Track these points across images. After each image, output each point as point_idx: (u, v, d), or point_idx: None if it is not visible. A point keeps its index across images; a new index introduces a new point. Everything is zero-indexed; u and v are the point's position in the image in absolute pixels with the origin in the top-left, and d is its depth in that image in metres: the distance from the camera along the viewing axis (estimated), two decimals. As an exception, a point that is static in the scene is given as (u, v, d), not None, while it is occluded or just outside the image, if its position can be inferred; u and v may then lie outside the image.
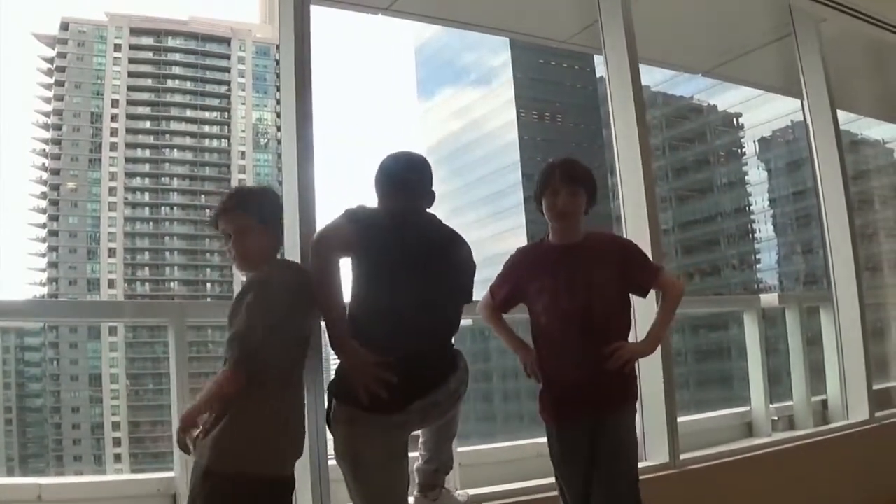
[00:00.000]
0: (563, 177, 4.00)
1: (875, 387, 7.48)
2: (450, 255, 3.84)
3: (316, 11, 4.80)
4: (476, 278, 3.97)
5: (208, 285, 71.53)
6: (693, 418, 7.05)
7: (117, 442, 55.03)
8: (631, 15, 5.80)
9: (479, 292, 4.20)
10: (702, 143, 67.59)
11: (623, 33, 5.69)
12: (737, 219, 64.25)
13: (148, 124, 75.74)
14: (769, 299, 7.57)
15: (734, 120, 67.34)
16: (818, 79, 7.42)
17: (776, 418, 7.17)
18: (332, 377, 3.64)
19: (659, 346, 4.30)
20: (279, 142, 70.57)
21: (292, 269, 3.75)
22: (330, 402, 3.65)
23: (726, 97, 62.76)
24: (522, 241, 4.15)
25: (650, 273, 4.16)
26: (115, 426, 55.25)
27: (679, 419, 5.70)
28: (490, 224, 70.01)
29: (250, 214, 3.49)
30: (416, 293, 3.61)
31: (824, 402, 7.54)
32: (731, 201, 64.90)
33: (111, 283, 68.31)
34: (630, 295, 4.17)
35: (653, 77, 57.50)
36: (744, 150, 66.71)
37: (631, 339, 4.22)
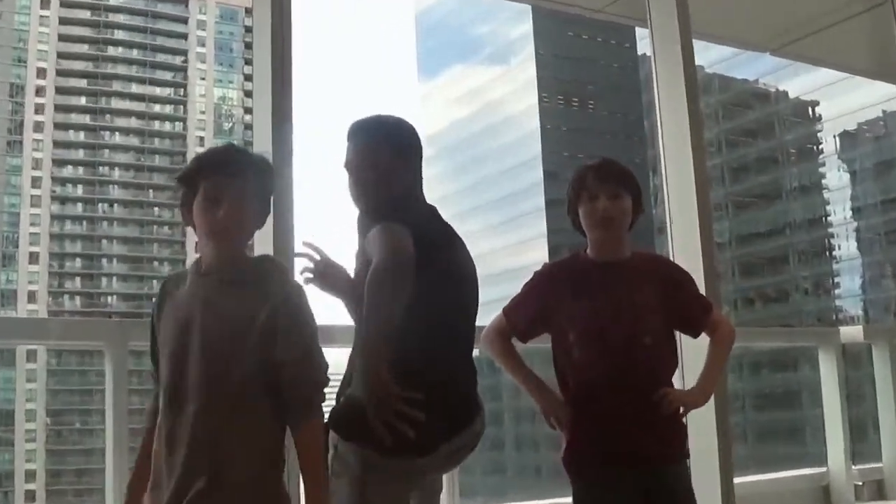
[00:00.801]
0: (601, 177, 3.92)
1: None
2: (471, 260, 3.83)
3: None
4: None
5: (153, 300, 71.41)
6: (754, 479, 7.04)
7: (31, 496, 54.95)
8: (683, -22, 5.81)
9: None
10: (767, 137, 67.75)
11: (674, 2, 5.68)
12: (811, 232, 64.38)
13: (83, 100, 75.93)
14: (851, 333, 7.53)
15: (809, 109, 67.57)
16: None
17: (860, 483, 7.16)
18: (335, 409, 3.54)
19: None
20: (247, 127, 70.83)
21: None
22: (331, 442, 3.54)
23: (799, 81, 62.96)
24: (543, 255, 3.91)
25: (703, 309, 4.09)
26: (30, 475, 55.12)
27: (736, 480, 5.68)
28: (503, 233, 70.19)
29: (253, 182, 3.33)
30: (458, 310, 3.62)
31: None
32: (804, 210, 65.02)
33: (31, 296, 68.37)
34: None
35: (707, 56, 57.66)
36: (821, 146, 66.95)
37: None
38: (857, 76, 10.20)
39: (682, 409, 3.87)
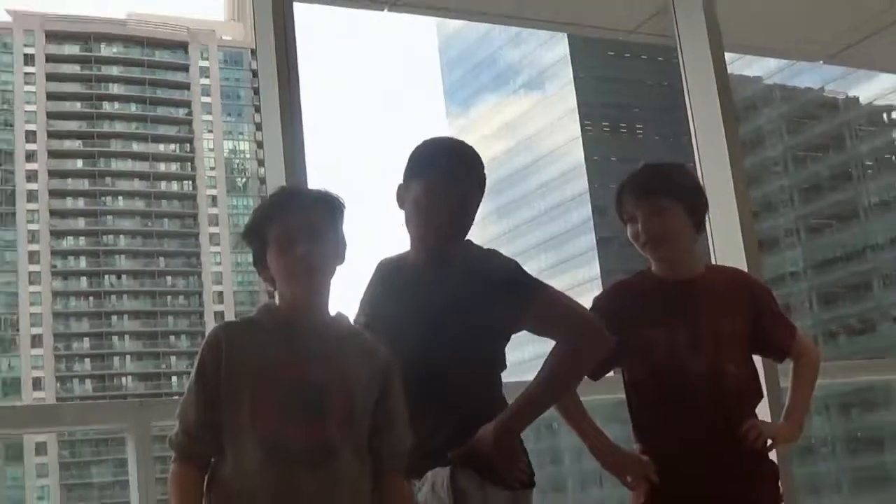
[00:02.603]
0: (637, 193, 3.72)
1: None
2: None
3: (301, 9, 5.00)
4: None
5: (174, 379, 71.59)
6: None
7: None
8: (712, -8, 5.93)
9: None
10: (839, 150, 67.39)
11: (703, 18, 5.77)
12: (895, 251, 63.88)
13: (79, 163, 76.10)
14: None
15: (884, 115, 67.25)
16: None
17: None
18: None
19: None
20: (263, 181, 70.76)
21: None
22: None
23: (871, 85, 62.58)
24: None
25: (788, 331, 3.82)
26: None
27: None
28: (554, 278, 69.14)
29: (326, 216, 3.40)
30: None
31: None
32: (887, 229, 64.46)
33: (37, 383, 68.40)
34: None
35: (765, 66, 57.72)
36: (901, 155, 66.67)
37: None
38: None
39: (769, 443, 3.66)
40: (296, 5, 4.88)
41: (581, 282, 67.79)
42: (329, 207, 3.18)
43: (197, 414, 2.99)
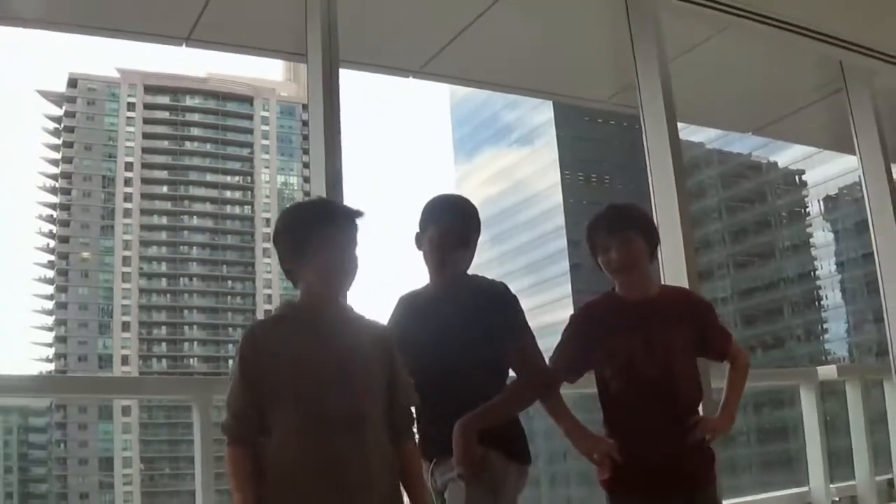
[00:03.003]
0: (610, 228, 3.77)
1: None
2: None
3: (345, 73, 5.02)
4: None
5: (229, 362, 71.30)
6: (746, 500, 7.08)
7: (130, 533, 54.99)
8: (669, 75, 5.89)
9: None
10: (762, 203, 67.50)
11: (661, 94, 5.76)
12: (801, 285, 63.91)
13: (164, 189, 76.31)
14: (827, 372, 7.45)
15: (796, 177, 67.31)
16: (871, 134, 7.41)
17: (837, 499, 7.17)
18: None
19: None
20: (306, 207, 70.87)
21: None
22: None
23: (787, 153, 62.94)
24: (569, 313, 3.62)
25: (727, 338, 3.88)
26: (130, 513, 55.20)
27: (731, 501, 5.76)
28: (535, 295, 69.58)
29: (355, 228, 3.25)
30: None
31: (891, 482, 7.50)
32: (796, 266, 64.60)
33: (125, 360, 68.54)
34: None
35: (707, 134, 57.76)
36: (808, 209, 66.63)
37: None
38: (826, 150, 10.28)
39: (708, 436, 3.72)
40: (341, 70, 4.90)
41: (555, 299, 67.73)
42: (360, 222, 3.16)
43: (244, 400, 2.96)
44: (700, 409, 3.85)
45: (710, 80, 7.14)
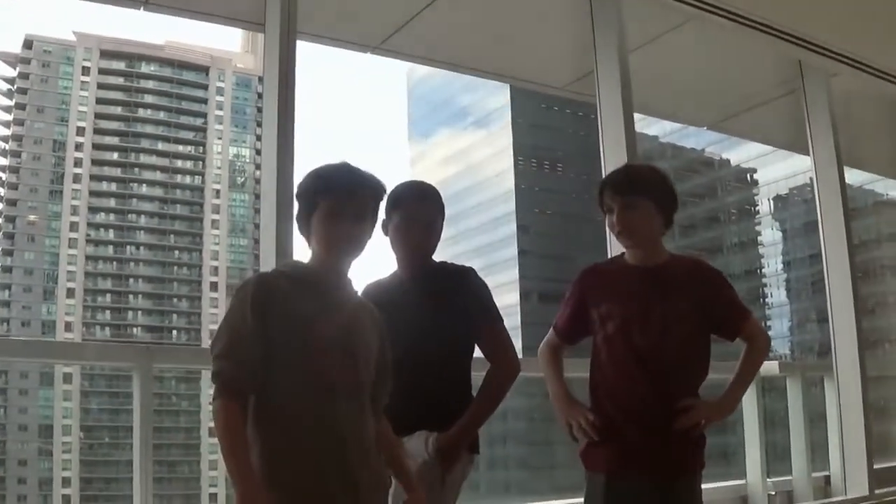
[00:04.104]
0: (615, 189, 3.62)
1: (881, 465, 7.55)
2: None
3: (301, 46, 4.98)
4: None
5: (174, 332, 71.29)
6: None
7: (67, 500, 54.38)
8: (628, 65, 5.95)
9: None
10: (712, 199, 67.90)
11: (619, 84, 5.82)
12: (748, 282, 64.20)
13: (115, 156, 75.55)
14: (769, 367, 7.49)
15: (748, 176, 67.72)
16: (826, 136, 7.51)
17: (773, 493, 7.24)
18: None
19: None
20: (258, 182, 70.68)
21: None
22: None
23: (740, 151, 63.12)
24: (515, 298, 3.51)
25: (740, 315, 3.67)
26: (66, 482, 54.62)
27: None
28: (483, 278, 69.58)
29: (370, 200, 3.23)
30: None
31: (827, 479, 7.59)
32: (742, 263, 64.96)
33: (68, 326, 67.82)
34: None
35: (662, 127, 57.87)
36: (758, 208, 67.09)
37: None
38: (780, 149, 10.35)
39: (702, 422, 3.53)
40: (298, 42, 4.86)
41: (503, 283, 67.50)
42: (374, 191, 3.13)
43: (252, 348, 2.85)
44: (699, 391, 3.65)
45: (669, 72, 7.18)
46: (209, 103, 79.59)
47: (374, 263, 3.67)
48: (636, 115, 5.95)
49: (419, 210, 3.78)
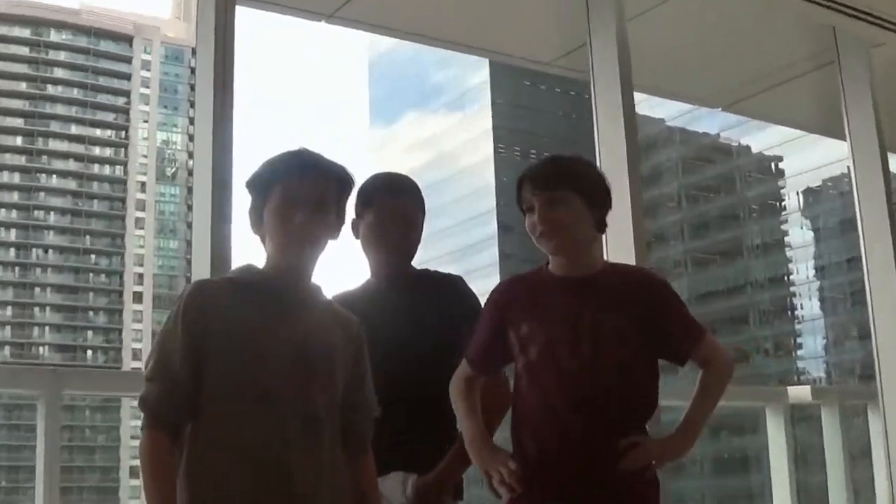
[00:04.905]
0: (536, 183, 3.42)
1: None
2: None
3: (242, 13, 4.95)
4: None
5: (88, 353, 71.04)
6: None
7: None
8: (626, 36, 5.90)
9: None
10: (729, 193, 68.15)
11: (616, 58, 5.78)
12: (773, 291, 64.56)
13: (18, 141, 75.43)
14: (799, 393, 7.55)
15: (772, 165, 68.03)
16: (866, 117, 7.45)
17: (809, 547, 7.26)
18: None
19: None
20: (190, 173, 70.58)
21: None
22: None
23: (763, 136, 63.31)
24: None
25: (691, 335, 3.46)
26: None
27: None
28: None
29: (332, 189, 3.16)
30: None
31: (874, 529, 7.59)
32: (766, 268, 65.23)
33: (-42, 347, 67.79)
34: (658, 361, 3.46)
35: (668, 109, 58.13)
36: (784, 203, 67.39)
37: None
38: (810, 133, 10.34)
39: (654, 463, 3.31)
40: (237, 9, 4.83)
41: (484, 291, 67.45)
42: (338, 181, 3.09)
43: (183, 369, 2.80)
44: (647, 426, 3.42)
45: (677, 43, 7.17)
46: (132, 79, 79.53)
47: (341, 272, 3.66)
48: (637, 95, 5.94)
49: (396, 206, 3.74)
